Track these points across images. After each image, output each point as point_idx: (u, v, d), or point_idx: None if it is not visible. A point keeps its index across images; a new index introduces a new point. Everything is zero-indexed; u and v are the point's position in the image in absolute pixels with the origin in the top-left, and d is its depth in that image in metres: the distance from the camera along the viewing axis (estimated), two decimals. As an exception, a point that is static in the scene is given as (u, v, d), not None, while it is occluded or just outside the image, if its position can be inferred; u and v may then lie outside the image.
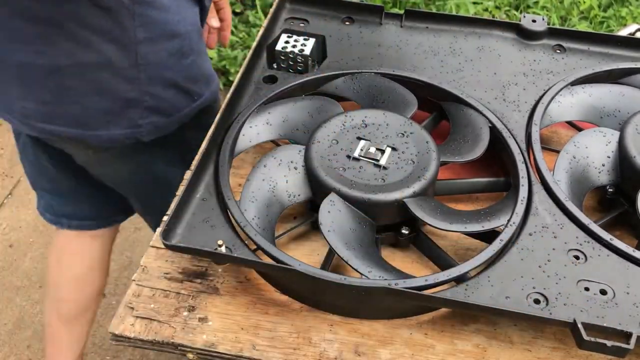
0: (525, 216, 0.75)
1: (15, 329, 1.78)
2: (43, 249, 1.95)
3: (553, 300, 0.67)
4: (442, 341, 0.71)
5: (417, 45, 0.97)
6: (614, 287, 0.68)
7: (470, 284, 0.68)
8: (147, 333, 0.71)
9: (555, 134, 0.95)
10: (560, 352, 0.70)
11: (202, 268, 0.77)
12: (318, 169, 0.76)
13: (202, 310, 0.73)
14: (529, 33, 0.97)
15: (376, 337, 0.71)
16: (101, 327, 1.77)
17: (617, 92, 0.88)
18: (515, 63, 0.94)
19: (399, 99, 0.88)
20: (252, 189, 0.76)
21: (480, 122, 0.85)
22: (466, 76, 0.92)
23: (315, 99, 0.87)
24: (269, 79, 0.91)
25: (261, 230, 0.73)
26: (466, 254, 0.79)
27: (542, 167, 0.79)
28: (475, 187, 0.84)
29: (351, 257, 0.69)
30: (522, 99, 0.88)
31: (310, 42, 0.93)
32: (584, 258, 0.71)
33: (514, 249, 0.72)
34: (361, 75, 0.91)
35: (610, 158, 0.81)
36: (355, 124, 0.81)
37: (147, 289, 0.75)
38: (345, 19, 1.01)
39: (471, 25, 0.99)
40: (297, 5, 1.03)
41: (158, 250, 0.79)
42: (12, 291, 1.86)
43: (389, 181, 0.75)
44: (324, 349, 0.70)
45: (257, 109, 0.85)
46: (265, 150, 0.90)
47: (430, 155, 0.77)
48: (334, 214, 0.73)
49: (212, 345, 0.70)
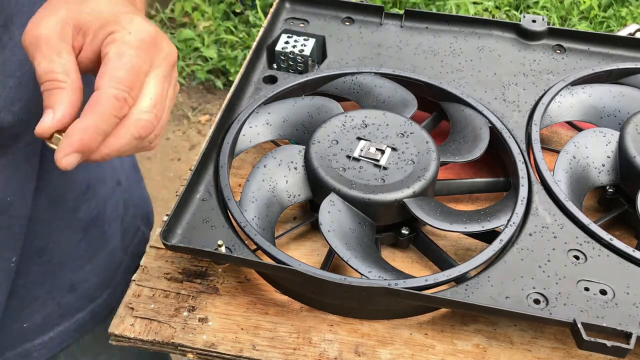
0: (525, 216, 0.75)
1: (15, 329, 1.78)
2: (43, 249, 1.95)
3: (553, 300, 0.67)
4: (442, 341, 0.71)
5: (417, 45, 0.97)
6: (614, 287, 0.68)
7: (470, 284, 0.68)
8: (147, 333, 0.71)
9: (555, 134, 0.95)
10: (560, 352, 0.70)
11: (202, 268, 0.77)
12: (318, 169, 0.76)
13: (202, 311, 0.73)
14: (529, 33, 0.97)
15: (376, 337, 0.71)
16: (101, 327, 1.77)
17: (617, 92, 0.88)
18: (515, 63, 0.94)
19: (399, 99, 0.88)
20: (252, 189, 0.76)
21: (480, 122, 0.85)
22: (466, 76, 0.92)
23: (315, 99, 0.87)
24: (269, 79, 0.91)
25: (261, 230, 0.73)
26: (466, 254, 0.79)
27: (542, 167, 0.79)
28: (475, 187, 0.84)
29: (351, 257, 0.70)
30: (522, 99, 0.88)
31: (310, 42, 0.93)
32: (584, 258, 0.71)
33: (514, 249, 0.72)
34: (361, 75, 0.91)
35: (610, 158, 0.81)
36: (355, 124, 0.81)
37: (147, 289, 0.75)
38: (345, 19, 1.01)
39: (471, 25, 0.99)
40: (297, 5, 1.03)
41: (158, 250, 0.79)
42: (12, 291, 1.86)
43: (389, 181, 0.75)
44: (324, 349, 0.70)
45: (257, 109, 0.85)
46: (265, 150, 0.90)
47: (430, 155, 0.77)
48: (334, 214, 0.73)
49: (212, 346, 0.70)
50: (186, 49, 2.49)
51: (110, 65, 0.52)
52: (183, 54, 2.48)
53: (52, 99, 0.51)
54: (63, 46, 0.53)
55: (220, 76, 2.47)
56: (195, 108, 2.36)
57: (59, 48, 0.52)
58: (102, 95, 0.51)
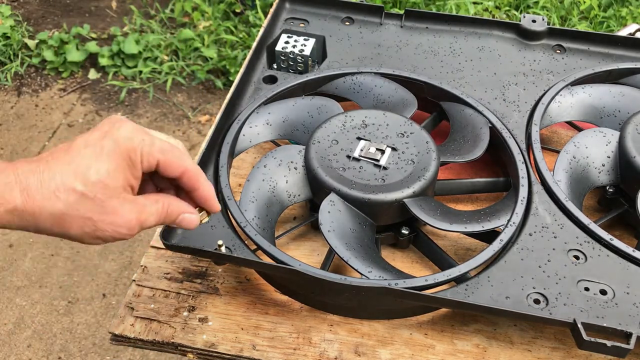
0: (525, 216, 0.75)
1: (15, 329, 1.78)
2: (43, 249, 1.96)
3: (553, 300, 0.67)
4: (442, 341, 0.71)
5: (417, 45, 0.97)
6: (614, 287, 0.68)
7: (470, 284, 0.68)
8: (147, 333, 0.71)
9: (555, 134, 0.95)
10: (560, 352, 0.70)
11: (202, 268, 0.77)
12: (318, 169, 0.76)
13: (202, 311, 0.73)
14: (529, 33, 0.97)
15: (376, 337, 0.71)
16: (101, 327, 1.77)
17: (617, 92, 0.88)
18: (515, 63, 0.94)
19: (399, 99, 0.88)
20: (252, 189, 0.76)
21: (480, 122, 0.85)
22: (466, 76, 0.92)
23: (315, 99, 0.87)
24: (269, 79, 0.91)
25: (261, 230, 0.73)
26: (466, 254, 0.79)
27: (542, 167, 0.79)
28: (475, 187, 0.84)
29: (351, 257, 0.69)
30: (522, 99, 0.88)
31: (310, 42, 0.93)
32: (584, 258, 0.71)
33: (514, 249, 0.72)
34: (361, 75, 0.91)
35: (610, 158, 0.81)
36: (355, 124, 0.81)
37: (147, 289, 0.75)
38: (345, 19, 1.01)
39: (471, 25, 0.99)
40: (297, 5, 1.03)
41: (158, 250, 0.79)
42: (12, 291, 1.86)
43: (389, 181, 0.75)
44: (324, 349, 0.70)
45: (257, 109, 0.85)
46: (265, 150, 0.90)
47: (430, 155, 0.77)
48: (334, 214, 0.73)
49: (212, 346, 0.70)
50: (186, 49, 2.49)
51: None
52: (183, 54, 2.48)
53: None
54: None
55: (220, 76, 2.47)
56: (195, 108, 2.36)
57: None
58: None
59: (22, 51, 2.61)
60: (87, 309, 1.82)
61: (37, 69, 2.58)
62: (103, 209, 0.54)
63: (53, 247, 1.96)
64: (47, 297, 1.84)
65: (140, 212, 0.56)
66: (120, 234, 0.56)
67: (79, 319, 1.79)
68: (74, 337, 1.76)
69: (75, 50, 2.54)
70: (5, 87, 2.51)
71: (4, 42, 2.59)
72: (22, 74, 2.56)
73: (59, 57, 2.55)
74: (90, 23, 2.72)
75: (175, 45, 2.58)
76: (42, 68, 2.58)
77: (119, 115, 0.57)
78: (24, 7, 2.86)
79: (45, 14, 2.83)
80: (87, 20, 2.78)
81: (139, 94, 2.49)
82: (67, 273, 1.90)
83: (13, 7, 2.82)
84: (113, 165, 0.54)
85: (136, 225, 0.57)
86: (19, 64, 2.56)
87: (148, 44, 2.55)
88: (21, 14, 2.79)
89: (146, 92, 2.49)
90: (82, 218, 0.53)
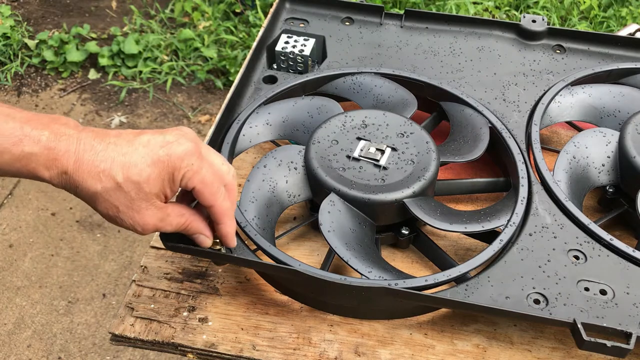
0: (525, 216, 0.75)
1: (15, 329, 1.78)
2: (43, 249, 1.96)
3: (553, 301, 0.67)
4: (442, 341, 0.71)
5: (417, 45, 0.97)
6: (614, 287, 0.68)
7: (470, 284, 0.68)
8: (147, 333, 0.71)
9: (555, 134, 0.95)
10: (560, 352, 0.70)
11: (202, 268, 0.77)
12: (318, 169, 0.76)
13: (202, 311, 0.73)
14: (528, 33, 0.97)
15: (376, 337, 0.71)
16: (101, 327, 1.77)
17: (617, 92, 0.88)
18: (515, 63, 0.94)
19: (399, 99, 0.88)
20: (252, 189, 0.76)
21: (480, 122, 0.85)
22: (466, 76, 0.92)
23: (315, 99, 0.87)
24: (269, 79, 0.91)
25: (261, 230, 0.73)
26: (466, 254, 0.79)
27: (542, 167, 0.79)
28: (475, 187, 0.84)
29: (351, 257, 0.69)
30: (522, 99, 0.88)
31: (310, 42, 0.93)
32: (584, 258, 0.71)
33: (514, 249, 0.72)
34: (361, 75, 0.91)
35: (610, 158, 0.81)
36: (355, 124, 0.81)
37: (147, 289, 0.75)
38: (345, 19, 1.01)
39: (471, 25, 0.99)
40: (297, 5, 1.03)
41: (158, 250, 0.79)
42: (12, 291, 1.87)
43: (389, 181, 0.75)
44: (324, 349, 0.70)
45: (257, 109, 0.85)
46: (265, 150, 0.90)
47: (430, 156, 0.77)
48: (334, 214, 0.73)
49: (212, 346, 0.70)
50: (186, 49, 2.49)
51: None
52: (183, 54, 2.48)
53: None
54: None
55: (220, 76, 2.47)
56: (195, 108, 2.36)
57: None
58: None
59: (22, 51, 2.61)
60: (87, 309, 1.82)
61: (37, 69, 2.58)
62: (130, 205, 0.60)
63: (53, 247, 1.96)
64: (47, 297, 1.84)
65: (161, 219, 0.62)
66: (135, 230, 0.62)
67: (79, 319, 1.79)
68: (74, 337, 1.76)
69: (75, 50, 2.54)
70: (5, 87, 2.51)
71: (4, 42, 2.59)
72: (22, 74, 2.56)
73: (59, 57, 2.55)
74: (90, 23, 2.73)
75: (175, 45, 2.58)
76: (42, 68, 2.58)
77: (191, 129, 0.62)
78: (24, 7, 2.86)
79: (45, 14, 2.83)
80: (87, 20, 2.78)
81: (139, 94, 2.49)
82: (67, 273, 1.90)
83: (13, 7, 2.82)
84: (155, 174, 0.59)
85: (152, 229, 0.63)
86: (19, 64, 2.56)
87: (148, 44, 2.55)
88: (21, 14, 2.79)
89: (146, 92, 2.49)
90: (110, 203, 0.60)
